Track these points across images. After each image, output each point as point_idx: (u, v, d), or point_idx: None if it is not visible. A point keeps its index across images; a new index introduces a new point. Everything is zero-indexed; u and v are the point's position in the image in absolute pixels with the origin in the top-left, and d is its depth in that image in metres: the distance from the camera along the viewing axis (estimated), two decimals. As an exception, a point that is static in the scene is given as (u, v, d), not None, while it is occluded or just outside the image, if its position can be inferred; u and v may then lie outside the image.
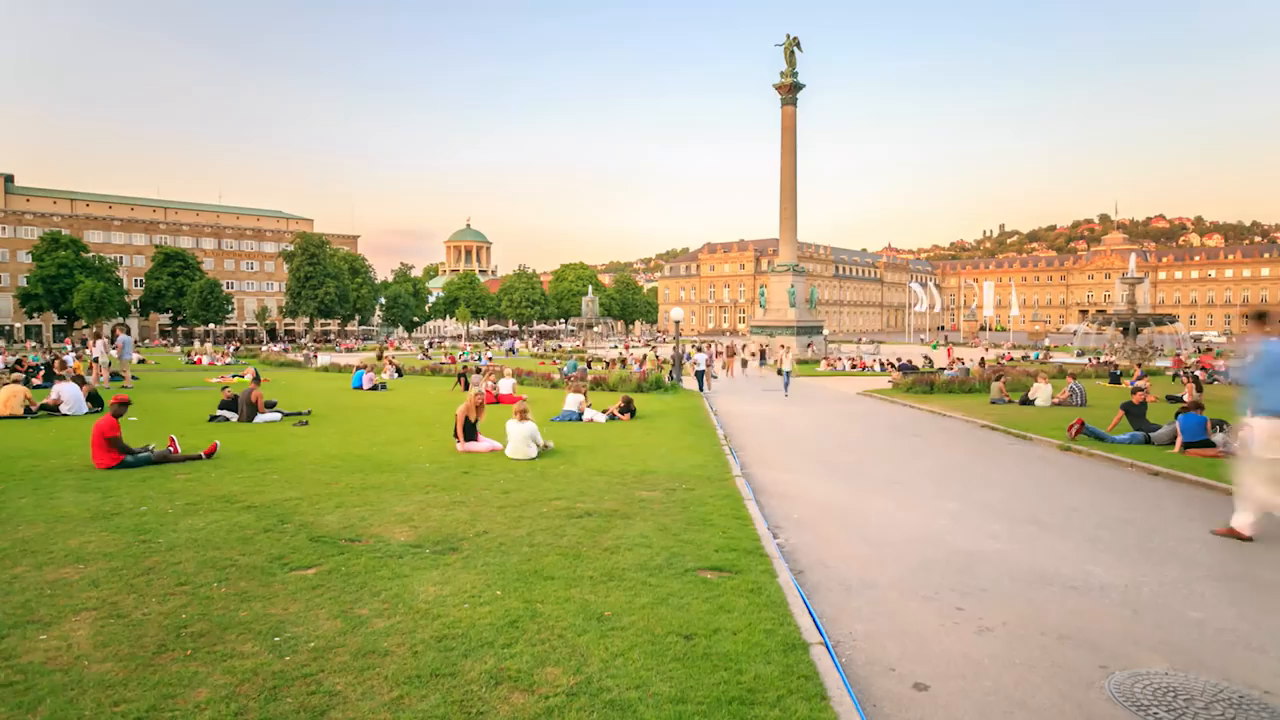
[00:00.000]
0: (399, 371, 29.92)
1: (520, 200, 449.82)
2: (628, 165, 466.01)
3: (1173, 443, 11.63)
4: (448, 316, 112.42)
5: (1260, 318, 6.92)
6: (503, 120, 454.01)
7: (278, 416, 14.76)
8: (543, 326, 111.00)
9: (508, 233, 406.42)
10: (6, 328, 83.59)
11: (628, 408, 15.85)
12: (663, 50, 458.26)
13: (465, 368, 28.68)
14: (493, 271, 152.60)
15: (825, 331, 56.07)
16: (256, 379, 17.54)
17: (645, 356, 36.01)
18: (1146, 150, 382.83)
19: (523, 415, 10.63)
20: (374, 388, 23.30)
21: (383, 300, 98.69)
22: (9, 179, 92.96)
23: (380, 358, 29.20)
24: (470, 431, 11.04)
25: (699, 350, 28.94)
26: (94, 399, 15.68)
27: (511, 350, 58.88)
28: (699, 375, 24.60)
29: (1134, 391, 13.35)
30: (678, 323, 28.12)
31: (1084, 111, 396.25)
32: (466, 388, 22.03)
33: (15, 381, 14.56)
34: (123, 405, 9.82)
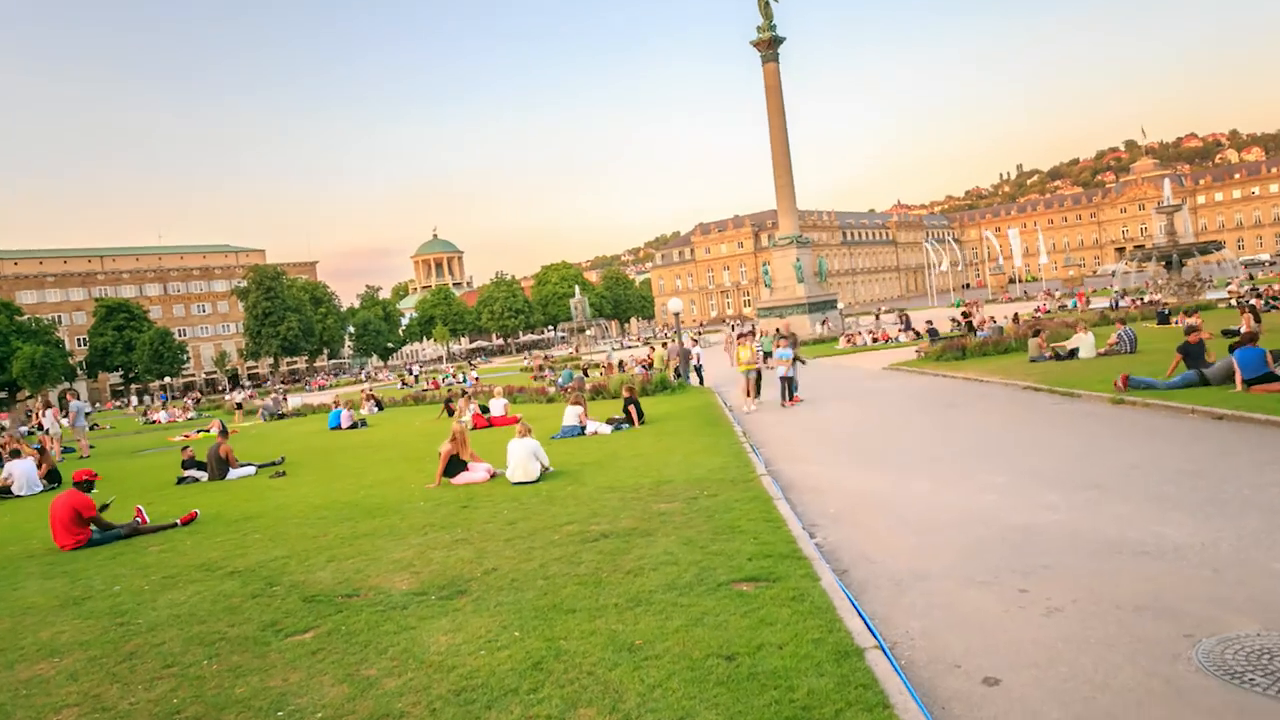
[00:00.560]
0: (379, 405, 29.96)
1: (490, 203, 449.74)
2: (603, 151, 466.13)
3: (1230, 380, 11.63)
4: (424, 338, 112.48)
5: None
6: (460, 121, 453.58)
7: (252, 470, 14.78)
8: (530, 336, 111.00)
9: (480, 239, 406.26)
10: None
11: (632, 400, 15.89)
12: (627, 23, 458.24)
13: (450, 393, 28.71)
14: (468, 283, 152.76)
15: (840, 305, 56.07)
16: (223, 431, 17.57)
17: (648, 355, 35.98)
18: (1168, 64, 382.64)
19: (525, 431, 10.70)
20: (353, 425, 23.33)
21: (351, 329, 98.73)
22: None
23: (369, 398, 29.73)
24: (457, 466, 11.05)
25: (695, 343, 29.19)
26: (51, 475, 15.70)
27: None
28: (698, 370, 25.08)
29: (1188, 331, 13.36)
30: (677, 315, 28.21)
31: (1096, 30, 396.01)
32: (451, 414, 22.05)
33: None
34: (91, 479, 9.84)
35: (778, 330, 30.26)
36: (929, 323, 32.45)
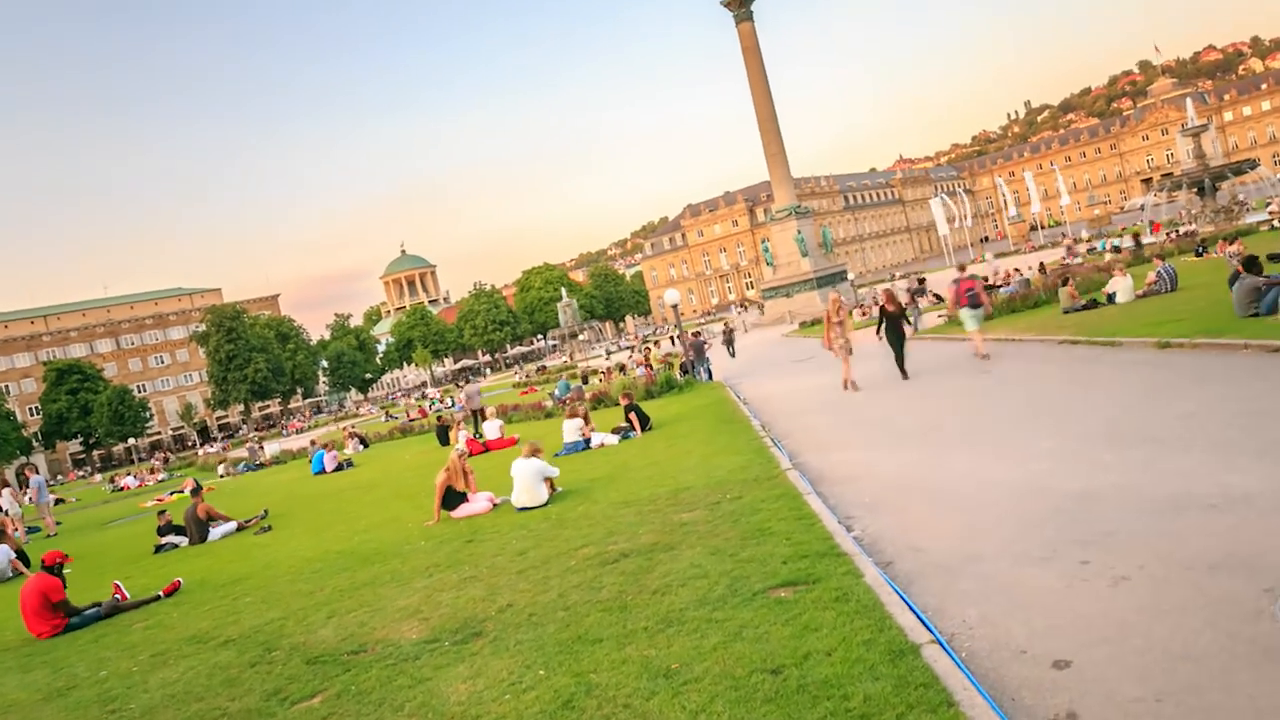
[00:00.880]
0: (363, 442, 30.00)
1: (459, 211, 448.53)
2: (575, 141, 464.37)
3: (1276, 310, 11.70)
4: (405, 364, 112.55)
5: None
6: (418, 128, 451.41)
7: (233, 527, 14.81)
8: (519, 348, 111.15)
9: (453, 250, 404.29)
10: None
11: (632, 407, 15.90)
12: (582, 3, 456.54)
13: (442, 419, 28.77)
14: (444, 299, 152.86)
15: (850, 276, 56.16)
16: (197, 490, 17.60)
17: (649, 352, 36.10)
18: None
19: (532, 450, 10.72)
20: (339, 467, 23.36)
21: (324, 363, 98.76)
22: None
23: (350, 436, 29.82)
24: (455, 498, 11.05)
25: (698, 335, 29.50)
26: (21, 558, 15.71)
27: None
28: (705, 365, 25.41)
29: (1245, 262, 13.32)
30: (675, 307, 28.24)
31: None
32: (445, 443, 22.07)
33: None
34: (61, 562, 9.86)
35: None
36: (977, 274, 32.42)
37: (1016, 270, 34.20)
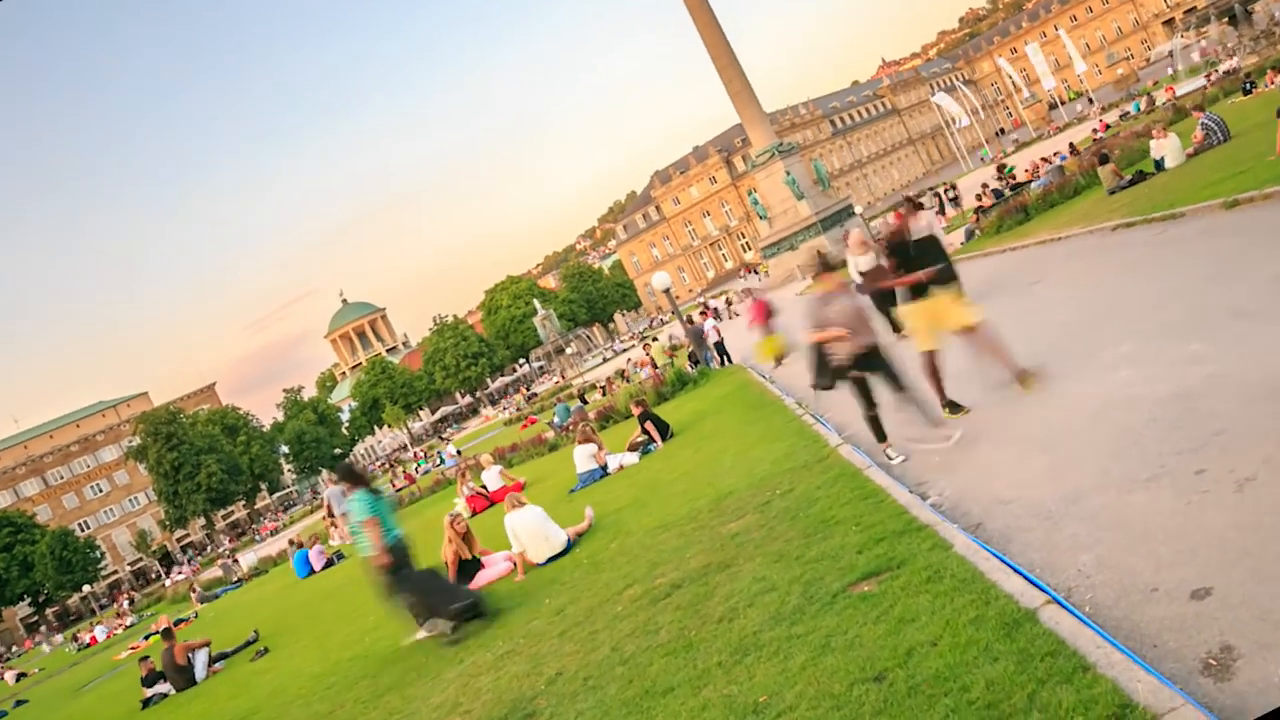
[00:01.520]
0: (351, 528, 30.03)
1: (396, 241, 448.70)
2: (514, 132, 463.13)
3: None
4: (377, 427, 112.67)
5: None
6: (335, 160, 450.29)
7: (220, 666, 14.88)
8: (501, 380, 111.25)
9: (401, 287, 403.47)
10: None
11: (646, 415, 15.89)
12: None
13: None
14: (404, 344, 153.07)
15: (858, 209, 56.20)
16: (167, 633, 17.67)
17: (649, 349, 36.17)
18: None
19: (517, 502, 10.68)
20: (329, 563, 23.39)
21: (284, 449, 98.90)
22: None
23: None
24: (470, 569, 11.07)
25: (704, 315, 29.64)
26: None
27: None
28: (718, 348, 25.82)
29: None
30: (667, 291, 28.23)
31: None
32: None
33: None
34: None
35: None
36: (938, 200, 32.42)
37: (1044, 159, 34.22)
